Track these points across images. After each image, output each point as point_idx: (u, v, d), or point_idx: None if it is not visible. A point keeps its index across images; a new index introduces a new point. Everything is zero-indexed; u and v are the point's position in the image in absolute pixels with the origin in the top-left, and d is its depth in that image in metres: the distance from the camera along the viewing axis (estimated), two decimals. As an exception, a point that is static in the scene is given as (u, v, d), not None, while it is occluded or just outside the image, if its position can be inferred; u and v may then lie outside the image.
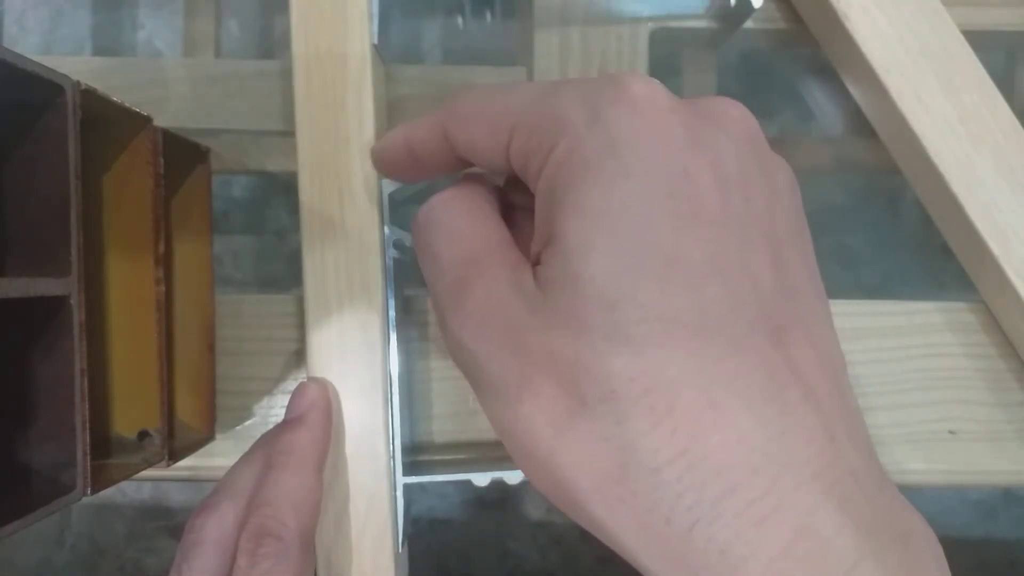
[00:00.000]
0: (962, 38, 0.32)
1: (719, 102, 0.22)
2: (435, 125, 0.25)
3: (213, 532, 0.26)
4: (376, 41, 0.29)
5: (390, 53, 0.33)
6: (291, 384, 0.35)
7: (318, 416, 0.29)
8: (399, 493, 0.30)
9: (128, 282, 0.29)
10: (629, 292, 0.19)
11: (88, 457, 0.24)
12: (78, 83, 0.24)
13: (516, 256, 0.22)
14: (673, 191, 0.19)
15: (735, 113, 0.22)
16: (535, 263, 0.21)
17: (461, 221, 0.24)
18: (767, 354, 0.19)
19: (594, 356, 0.19)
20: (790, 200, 0.22)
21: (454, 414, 0.34)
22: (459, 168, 0.26)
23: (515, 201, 0.26)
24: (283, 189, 0.84)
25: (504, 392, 0.20)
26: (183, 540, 0.27)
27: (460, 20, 0.63)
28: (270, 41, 0.84)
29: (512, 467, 0.30)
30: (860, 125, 0.36)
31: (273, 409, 0.35)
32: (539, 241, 0.21)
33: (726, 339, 0.19)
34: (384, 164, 0.28)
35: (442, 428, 0.34)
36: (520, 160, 0.22)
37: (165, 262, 0.29)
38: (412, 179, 0.29)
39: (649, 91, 0.21)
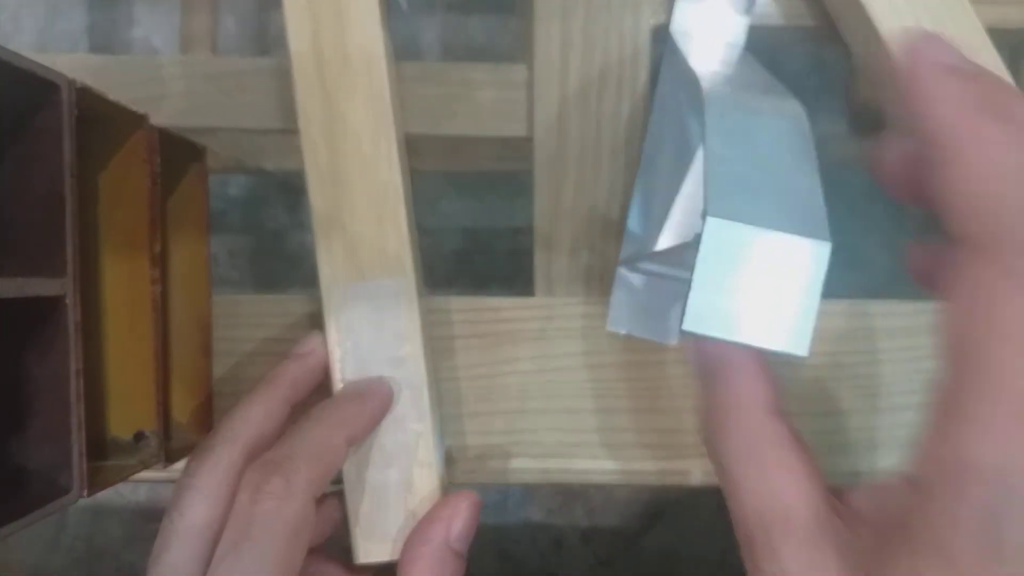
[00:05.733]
0: (980, 24, 0.31)
1: None
2: None
3: (204, 478, 0.27)
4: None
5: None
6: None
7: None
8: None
9: (124, 282, 0.29)
10: None
11: (84, 459, 0.24)
12: (73, 81, 0.24)
13: None
14: None
15: None
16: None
17: None
18: None
19: None
20: None
21: (475, 413, 0.34)
22: None
23: None
24: (280, 188, 0.84)
25: None
26: (176, 483, 0.27)
27: (460, 16, 0.62)
28: (267, 38, 0.84)
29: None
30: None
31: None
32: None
33: None
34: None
35: (472, 427, 0.34)
36: None
37: (161, 262, 0.29)
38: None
39: None
